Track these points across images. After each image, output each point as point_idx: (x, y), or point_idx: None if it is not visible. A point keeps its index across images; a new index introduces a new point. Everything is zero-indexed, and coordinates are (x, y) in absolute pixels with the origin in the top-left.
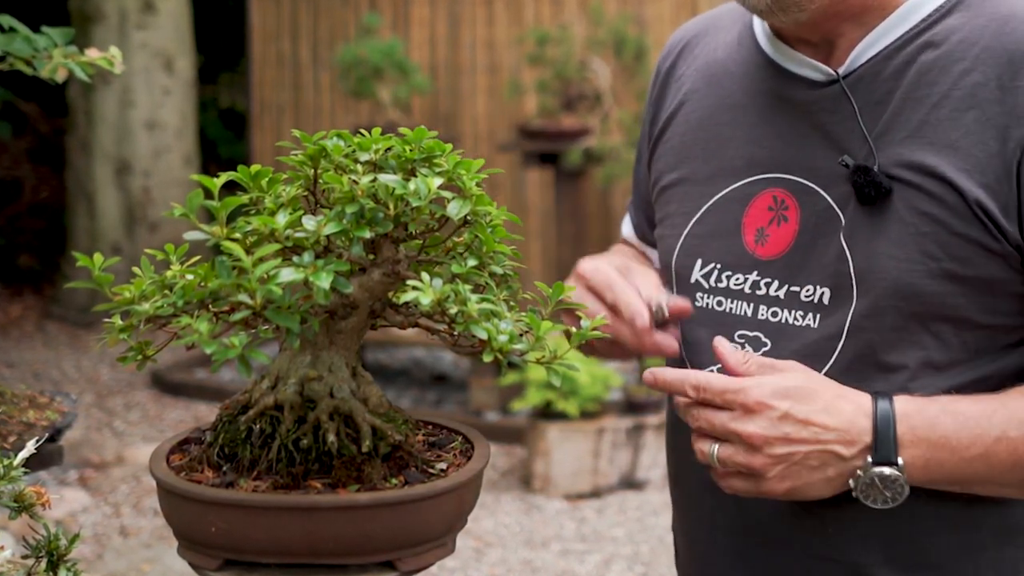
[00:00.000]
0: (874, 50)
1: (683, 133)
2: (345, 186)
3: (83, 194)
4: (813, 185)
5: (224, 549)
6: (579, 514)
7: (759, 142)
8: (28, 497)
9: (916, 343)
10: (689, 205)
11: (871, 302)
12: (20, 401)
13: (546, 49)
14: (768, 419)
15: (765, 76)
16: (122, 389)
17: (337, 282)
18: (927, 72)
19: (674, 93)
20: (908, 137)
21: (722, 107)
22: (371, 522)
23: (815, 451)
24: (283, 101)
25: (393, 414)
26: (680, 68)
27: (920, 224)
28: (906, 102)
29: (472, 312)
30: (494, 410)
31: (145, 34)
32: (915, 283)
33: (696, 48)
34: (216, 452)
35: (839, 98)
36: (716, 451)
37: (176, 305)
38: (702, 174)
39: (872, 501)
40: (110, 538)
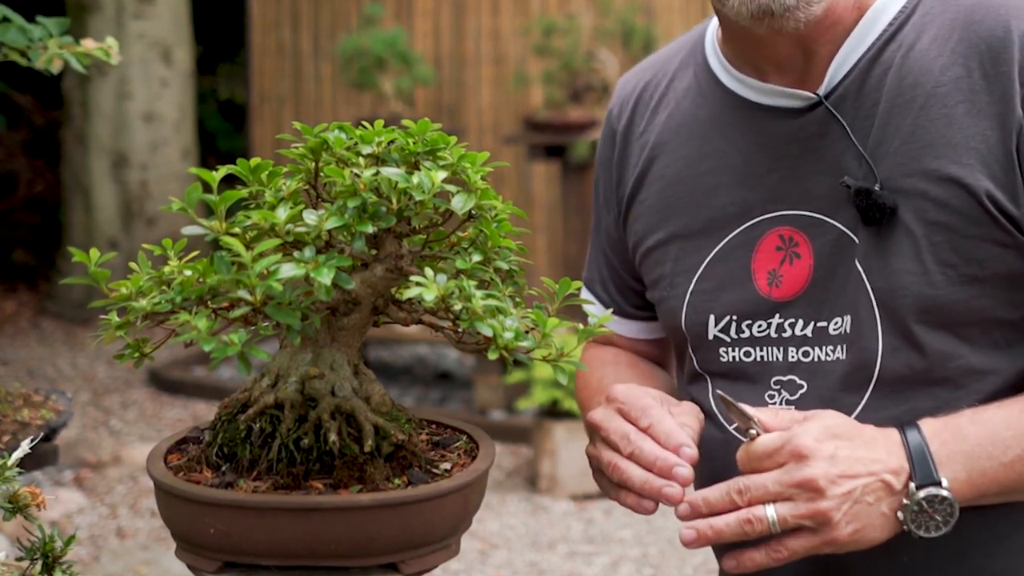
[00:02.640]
0: (848, 64)
1: (661, 190)
2: (347, 180)
3: (79, 188)
4: (818, 215)
5: (223, 551)
6: (586, 515)
7: (749, 184)
8: (23, 498)
9: (951, 354)
10: (687, 262)
11: (897, 321)
12: (15, 400)
13: (552, 39)
14: (823, 460)
15: (740, 116)
16: (119, 387)
17: (339, 278)
18: (907, 75)
19: (638, 151)
20: (903, 145)
21: (699, 156)
22: (373, 523)
23: (871, 484)
24: (283, 93)
25: (396, 413)
26: (638, 124)
27: (931, 234)
28: (893, 109)
29: (477, 308)
30: (499, 409)
31: (142, 24)
32: (937, 295)
33: (651, 101)
34: (215, 452)
35: (826, 120)
36: (774, 514)
37: (174, 301)
38: (694, 228)
39: (925, 530)
40: (106, 540)
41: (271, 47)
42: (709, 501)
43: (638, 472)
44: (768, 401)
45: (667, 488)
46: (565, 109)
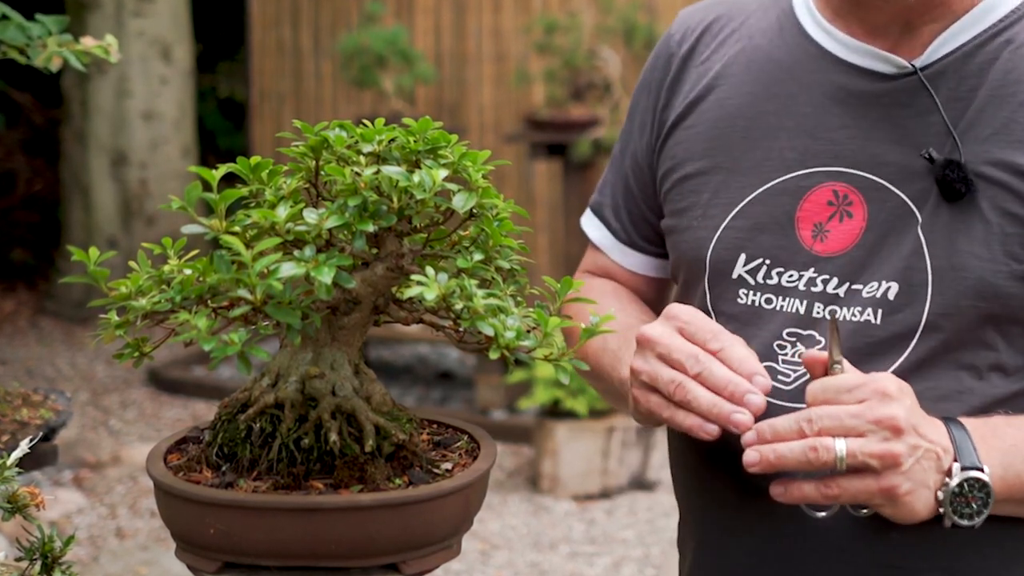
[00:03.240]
0: (952, 45)
1: (717, 119)
2: (347, 178)
3: (78, 187)
4: (883, 181)
5: (223, 551)
6: (588, 515)
7: (814, 133)
8: (22, 498)
9: (988, 344)
10: (728, 196)
11: (950, 300)
12: (13, 399)
13: (554, 37)
14: (904, 407)
15: (820, 67)
16: (118, 387)
17: (339, 277)
18: (1012, 71)
19: (696, 77)
20: (994, 134)
21: (767, 95)
22: (374, 524)
23: (932, 450)
24: (284, 90)
25: (397, 412)
26: (701, 52)
27: (1005, 224)
28: (991, 99)
29: (478, 308)
30: (501, 408)
31: (142, 22)
32: (998, 284)
33: (720, 33)
34: (215, 452)
35: (915, 91)
36: (844, 447)
37: (174, 300)
38: (744, 164)
39: (959, 516)
40: (106, 540)
41: (271, 45)
42: (776, 429)
43: (706, 395)
44: (779, 352)
45: (736, 414)
46: (567, 107)
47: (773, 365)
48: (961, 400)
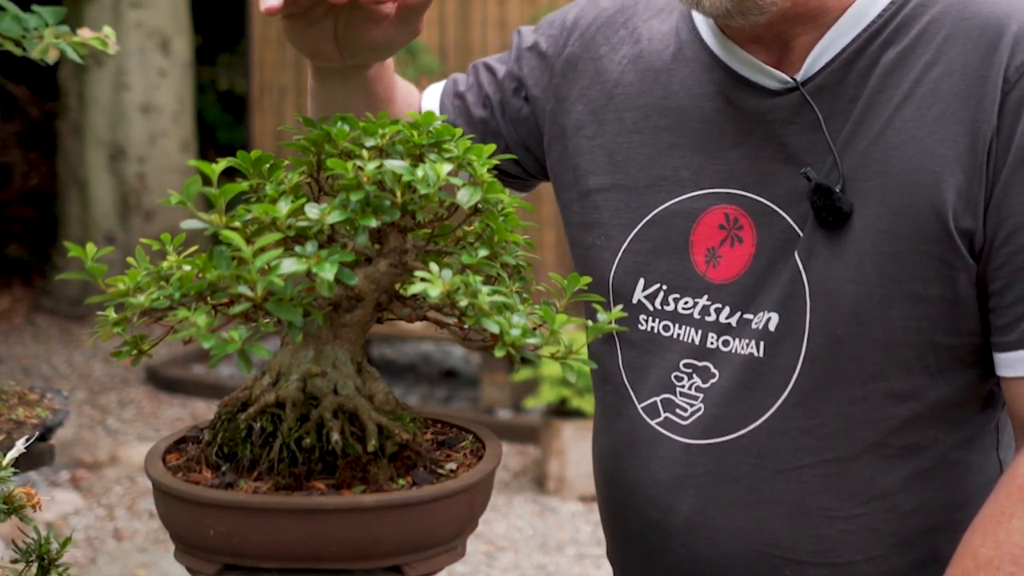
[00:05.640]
0: (831, 53)
1: (616, 134)
2: (350, 172)
3: (75, 181)
4: (771, 204)
5: (223, 553)
6: (596, 517)
7: (706, 152)
8: (18, 498)
9: (877, 374)
10: (625, 216)
11: (829, 330)
12: (9, 398)
13: None
14: None
15: (713, 79)
16: (116, 385)
17: (341, 273)
18: (890, 73)
19: (593, 74)
20: (871, 145)
21: (661, 108)
22: (377, 525)
23: None
24: (285, 83)
25: (400, 412)
26: (601, 45)
27: (880, 244)
28: (870, 107)
29: (483, 305)
30: (506, 407)
31: (140, 13)
32: (875, 309)
33: (620, 28)
34: (214, 451)
35: (799, 107)
36: None
37: (173, 297)
38: (639, 182)
39: None
40: (103, 541)
41: (272, 37)
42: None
43: None
44: (676, 384)
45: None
46: None
47: (671, 397)
48: (851, 436)
